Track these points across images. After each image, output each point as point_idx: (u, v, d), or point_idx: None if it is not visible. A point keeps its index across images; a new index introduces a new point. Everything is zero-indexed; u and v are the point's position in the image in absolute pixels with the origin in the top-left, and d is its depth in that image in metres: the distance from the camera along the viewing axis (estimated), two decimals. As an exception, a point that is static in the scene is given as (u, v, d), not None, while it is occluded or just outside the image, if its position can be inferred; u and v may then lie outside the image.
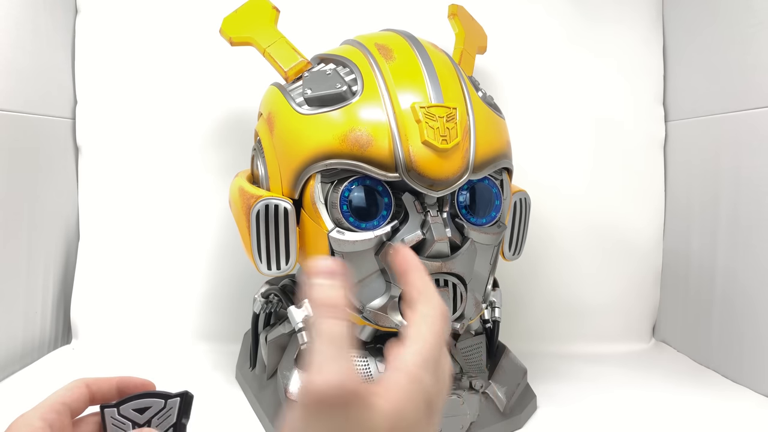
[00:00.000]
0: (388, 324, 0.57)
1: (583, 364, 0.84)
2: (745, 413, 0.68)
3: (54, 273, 0.87)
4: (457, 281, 0.56)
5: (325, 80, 0.60)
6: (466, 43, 0.76)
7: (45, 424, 0.36)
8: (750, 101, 0.75)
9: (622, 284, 0.94)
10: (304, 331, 0.60)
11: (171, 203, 0.89)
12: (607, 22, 0.94)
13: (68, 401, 0.38)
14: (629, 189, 0.94)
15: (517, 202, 0.67)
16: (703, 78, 0.86)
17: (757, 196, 0.74)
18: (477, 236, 0.58)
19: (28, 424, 0.36)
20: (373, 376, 0.61)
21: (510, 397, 0.64)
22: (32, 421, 0.36)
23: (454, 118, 0.55)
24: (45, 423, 0.36)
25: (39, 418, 0.36)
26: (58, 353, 0.86)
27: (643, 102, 0.94)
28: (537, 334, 0.91)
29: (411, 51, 0.61)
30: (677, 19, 0.92)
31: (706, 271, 0.84)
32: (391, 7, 0.90)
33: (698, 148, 0.87)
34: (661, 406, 0.70)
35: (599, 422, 0.65)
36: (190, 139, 0.89)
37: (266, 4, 0.71)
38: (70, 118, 0.90)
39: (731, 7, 0.79)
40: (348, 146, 0.55)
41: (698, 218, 0.86)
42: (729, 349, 0.79)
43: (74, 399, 0.39)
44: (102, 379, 0.41)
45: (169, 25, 0.89)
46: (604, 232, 0.93)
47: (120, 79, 0.89)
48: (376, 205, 0.57)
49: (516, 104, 0.91)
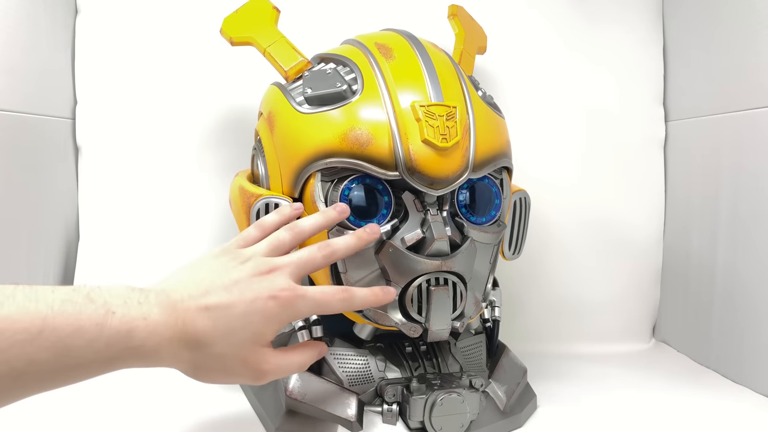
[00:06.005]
0: (388, 323, 0.57)
1: (583, 364, 0.84)
2: (745, 413, 0.68)
3: (54, 273, 0.87)
4: (456, 280, 0.56)
5: (325, 79, 0.60)
6: (466, 44, 0.76)
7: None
8: (750, 101, 0.75)
9: (622, 284, 0.94)
10: (304, 330, 0.60)
11: (171, 203, 0.89)
12: (607, 23, 0.94)
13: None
14: (629, 189, 0.94)
15: (516, 202, 0.67)
16: (703, 78, 0.86)
17: (757, 196, 0.74)
18: (477, 235, 0.58)
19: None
20: (373, 375, 0.61)
21: (510, 396, 0.64)
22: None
23: (454, 117, 0.55)
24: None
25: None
26: (57, 353, 0.85)
27: (643, 102, 0.94)
28: (537, 334, 0.91)
29: (411, 50, 0.61)
30: (677, 19, 0.92)
31: (706, 271, 0.84)
32: (391, 7, 0.90)
33: (698, 148, 0.87)
34: (661, 406, 0.70)
35: (599, 422, 0.65)
36: (190, 139, 0.89)
37: (266, 4, 0.71)
38: (70, 118, 0.89)
39: (732, 7, 0.79)
40: (348, 145, 0.55)
41: (698, 218, 0.86)
42: (729, 349, 0.79)
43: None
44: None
45: (169, 25, 0.89)
46: (604, 232, 0.93)
47: (120, 79, 0.89)
48: (376, 204, 0.57)
49: (516, 104, 0.91)
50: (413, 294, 0.56)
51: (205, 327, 0.41)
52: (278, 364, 0.45)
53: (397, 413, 0.59)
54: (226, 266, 0.45)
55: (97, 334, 0.36)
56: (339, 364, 0.61)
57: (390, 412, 0.58)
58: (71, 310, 0.36)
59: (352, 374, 0.61)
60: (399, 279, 0.56)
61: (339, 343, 0.62)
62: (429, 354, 0.63)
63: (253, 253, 0.46)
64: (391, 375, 0.61)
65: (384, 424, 0.58)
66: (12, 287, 0.35)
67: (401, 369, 0.61)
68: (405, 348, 0.63)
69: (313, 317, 0.60)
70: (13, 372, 0.33)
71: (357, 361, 0.61)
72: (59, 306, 0.36)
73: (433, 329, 0.56)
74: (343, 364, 0.61)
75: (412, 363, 0.62)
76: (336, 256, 0.49)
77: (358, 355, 0.62)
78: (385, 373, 0.61)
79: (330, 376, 0.61)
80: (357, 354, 0.62)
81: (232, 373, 0.44)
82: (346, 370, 0.61)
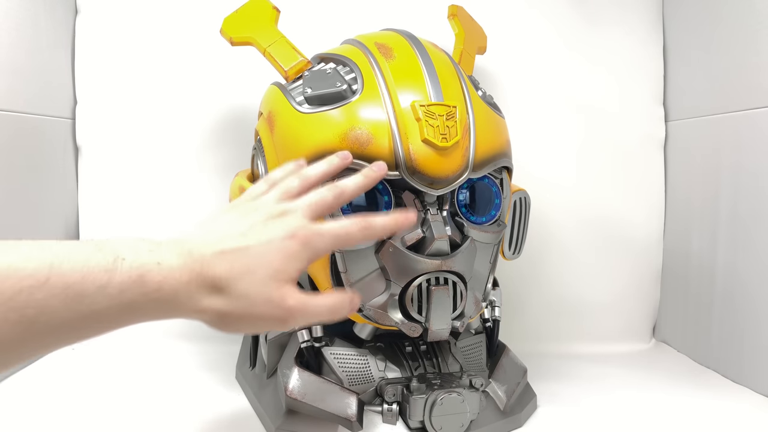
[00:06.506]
0: (388, 322, 0.57)
1: (583, 364, 0.84)
2: (745, 413, 0.68)
3: (54, 273, 0.87)
4: (456, 279, 0.56)
5: (325, 79, 0.60)
6: (466, 44, 0.76)
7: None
8: (750, 101, 0.75)
9: (622, 284, 0.94)
10: (304, 329, 0.60)
11: (171, 203, 0.89)
12: (607, 24, 0.94)
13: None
14: (629, 189, 0.94)
15: (516, 201, 0.67)
16: (703, 78, 0.86)
17: (757, 196, 0.74)
18: (477, 235, 0.58)
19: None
20: (373, 375, 0.61)
21: (510, 396, 0.64)
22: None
23: (454, 117, 0.55)
24: None
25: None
26: (58, 353, 0.85)
27: (643, 102, 0.94)
28: (537, 334, 0.91)
29: (411, 50, 0.61)
30: (677, 19, 0.92)
31: (706, 271, 0.84)
32: (391, 7, 0.91)
33: (698, 148, 0.87)
34: (661, 406, 0.70)
35: (599, 422, 0.65)
36: (190, 139, 0.89)
37: (266, 4, 0.71)
38: (70, 118, 0.90)
39: (731, 8, 0.79)
40: (348, 145, 0.55)
41: (698, 218, 0.86)
42: (729, 349, 0.79)
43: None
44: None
45: (169, 25, 0.89)
46: (604, 232, 0.93)
47: (120, 79, 0.89)
48: (376, 204, 0.57)
49: (516, 104, 0.91)
50: (413, 293, 0.56)
51: (223, 270, 0.39)
52: (305, 302, 0.42)
53: (397, 413, 0.59)
54: (238, 216, 0.43)
55: (107, 279, 0.35)
56: (339, 363, 0.61)
57: (390, 411, 0.58)
58: (78, 257, 0.35)
59: (352, 374, 0.61)
60: (399, 278, 0.56)
61: (339, 342, 0.62)
62: (429, 354, 0.63)
63: (264, 201, 0.45)
64: (391, 375, 0.61)
65: (384, 423, 0.58)
66: (15, 241, 0.34)
67: (401, 369, 0.61)
68: (405, 348, 0.63)
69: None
70: (24, 320, 0.33)
71: (357, 361, 0.61)
72: (65, 254, 0.35)
73: (433, 329, 0.56)
74: (343, 364, 0.61)
75: (412, 363, 0.62)
76: (346, 196, 0.47)
77: (358, 354, 0.61)
78: (385, 372, 0.61)
79: (330, 375, 0.61)
80: (357, 354, 0.62)
81: (257, 316, 0.41)
82: (346, 370, 0.61)
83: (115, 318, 0.36)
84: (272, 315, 0.41)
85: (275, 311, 0.41)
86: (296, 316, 0.41)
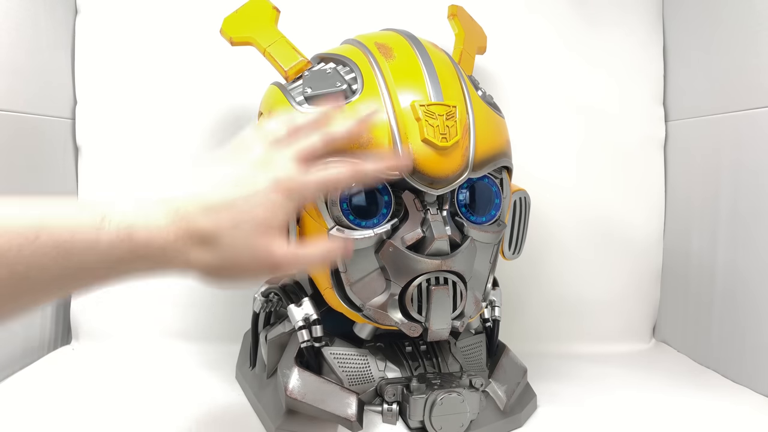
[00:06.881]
0: (388, 322, 0.57)
1: (583, 364, 0.84)
2: (745, 413, 0.68)
3: (54, 273, 0.87)
4: (456, 279, 0.56)
5: (325, 79, 0.60)
6: (466, 44, 0.76)
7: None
8: (750, 101, 0.75)
9: (622, 284, 0.94)
10: (304, 329, 0.60)
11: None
12: (607, 25, 0.94)
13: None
14: (629, 189, 0.94)
15: (516, 201, 0.67)
16: (703, 78, 0.86)
17: (757, 196, 0.74)
18: (477, 234, 0.58)
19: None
20: (373, 375, 0.61)
21: (510, 396, 0.64)
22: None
23: (454, 117, 0.55)
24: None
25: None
26: (57, 353, 0.86)
27: (643, 102, 0.94)
28: (537, 334, 0.91)
29: (411, 50, 0.61)
30: (677, 20, 0.93)
31: (706, 271, 0.84)
32: (391, 7, 0.91)
33: (698, 147, 0.87)
34: (661, 406, 0.70)
35: (599, 422, 0.65)
36: (190, 139, 0.89)
37: (266, 4, 0.71)
38: (70, 118, 0.90)
39: (732, 9, 0.79)
40: (348, 144, 0.55)
41: (698, 218, 0.86)
42: (729, 349, 0.79)
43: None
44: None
45: (169, 25, 0.89)
46: (604, 232, 0.93)
47: (120, 79, 0.89)
48: (376, 204, 0.57)
49: (516, 104, 0.91)
50: (413, 293, 0.56)
51: (209, 224, 0.40)
52: (292, 251, 0.43)
53: (397, 413, 0.59)
54: (226, 167, 0.44)
55: (96, 237, 0.36)
56: (339, 363, 0.61)
57: (390, 411, 0.58)
58: (66, 214, 0.36)
59: (352, 374, 0.61)
60: (399, 278, 0.56)
61: (339, 342, 0.62)
62: (429, 353, 0.63)
63: (253, 149, 0.45)
64: (391, 374, 0.61)
65: (384, 423, 0.58)
66: (1, 198, 0.35)
67: (401, 368, 0.61)
68: (405, 347, 0.63)
69: (313, 317, 0.61)
70: (15, 275, 0.33)
71: (357, 361, 0.61)
72: (54, 212, 0.36)
73: (433, 329, 0.56)
74: (343, 364, 0.61)
75: (412, 362, 0.62)
76: (335, 140, 0.47)
77: (358, 354, 0.61)
78: (385, 372, 0.61)
79: (330, 375, 0.61)
80: (357, 354, 0.62)
81: (245, 267, 0.42)
82: (346, 370, 0.61)
83: (105, 274, 0.37)
84: (260, 266, 0.42)
85: (263, 262, 0.42)
86: (283, 264, 0.42)
